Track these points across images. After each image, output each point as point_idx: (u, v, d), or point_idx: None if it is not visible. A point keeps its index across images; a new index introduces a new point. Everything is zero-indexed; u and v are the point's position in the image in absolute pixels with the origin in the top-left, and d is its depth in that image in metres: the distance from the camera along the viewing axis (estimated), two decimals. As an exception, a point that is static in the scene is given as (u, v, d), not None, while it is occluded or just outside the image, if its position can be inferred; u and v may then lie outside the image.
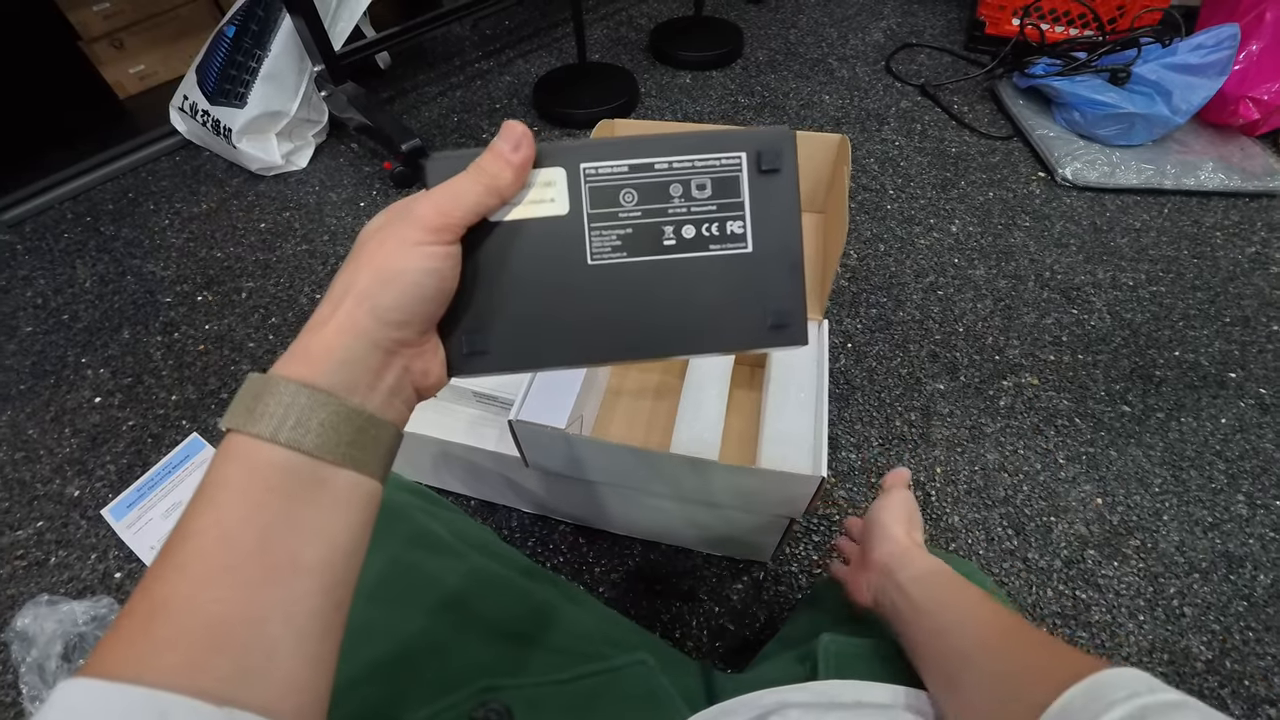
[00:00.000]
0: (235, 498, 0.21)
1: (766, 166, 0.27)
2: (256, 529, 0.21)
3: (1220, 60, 1.12)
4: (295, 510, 0.22)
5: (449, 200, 0.24)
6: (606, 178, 0.27)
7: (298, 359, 0.23)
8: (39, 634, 0.67)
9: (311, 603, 0.22)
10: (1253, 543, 0.76)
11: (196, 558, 0.20)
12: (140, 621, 0.20)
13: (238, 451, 0.22)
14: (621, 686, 0.42)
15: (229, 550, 0.21)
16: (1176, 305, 1.00)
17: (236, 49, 1.20)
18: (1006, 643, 0.32)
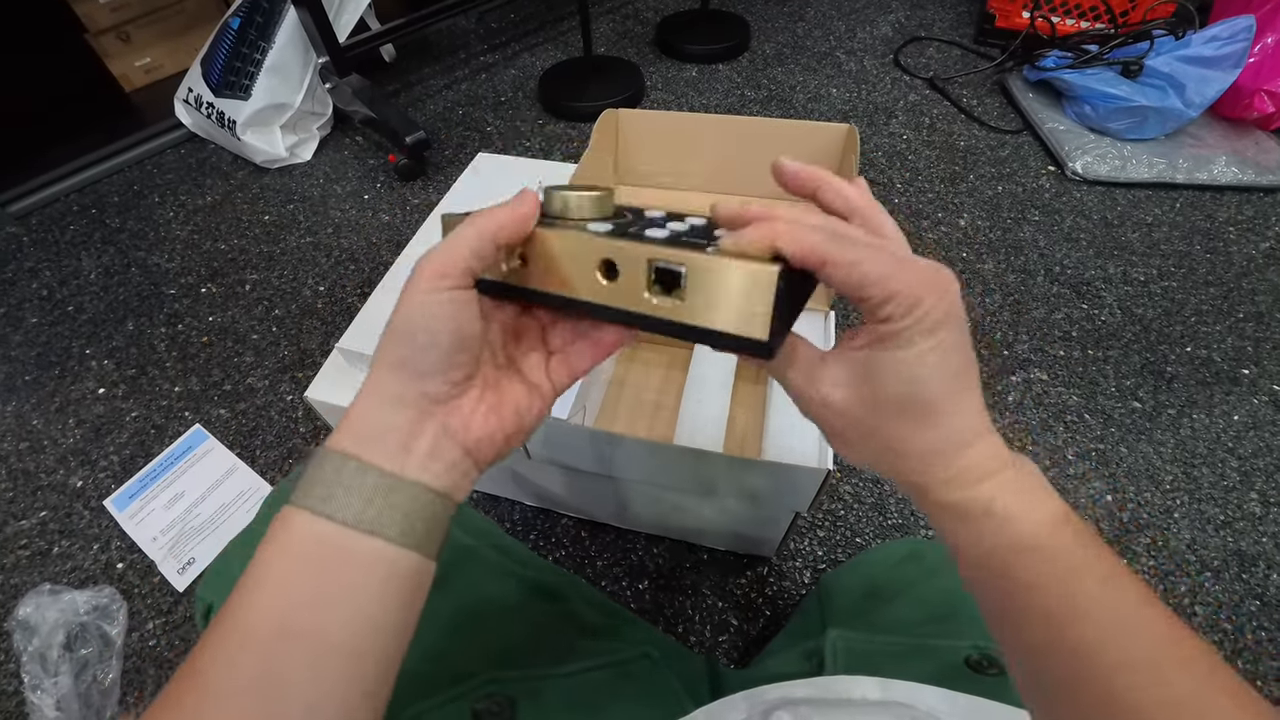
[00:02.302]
0: (279, 570, 0.22)
1: None
2: (297, 605, 0.21)
3: (1235, 53, 1.10)
4: (333, 585, 0.22)
5: (447, 245, 0.23)
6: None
7: (342, 431, 0.23)
8: (41, 623, 0.67)
9: (355, 685, 0.22)
10: (1266, 541, 0.75)
11: (241, 634, 0.21)
12: (191, 698, 0.21)
13: (285, 523, 0.22)
14: (625, 680, 0.41)
15: (274, 626, 0.21)
16: (1189, 301, 0.99)
17: (241, 41, 1.20)
18: (1187, 678, 0.20)
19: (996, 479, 0.22)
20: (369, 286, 1.04)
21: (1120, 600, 0.21)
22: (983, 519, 0.22)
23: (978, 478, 0.22)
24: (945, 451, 0.22)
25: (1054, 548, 0.21)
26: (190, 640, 0.70)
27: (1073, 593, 0.21)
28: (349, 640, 0.22)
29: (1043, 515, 0.22)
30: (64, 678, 0.65)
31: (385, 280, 0.67)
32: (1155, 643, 0.20)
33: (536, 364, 0.28)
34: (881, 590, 0.51)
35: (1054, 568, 0.21)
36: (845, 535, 0.77)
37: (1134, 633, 0.20)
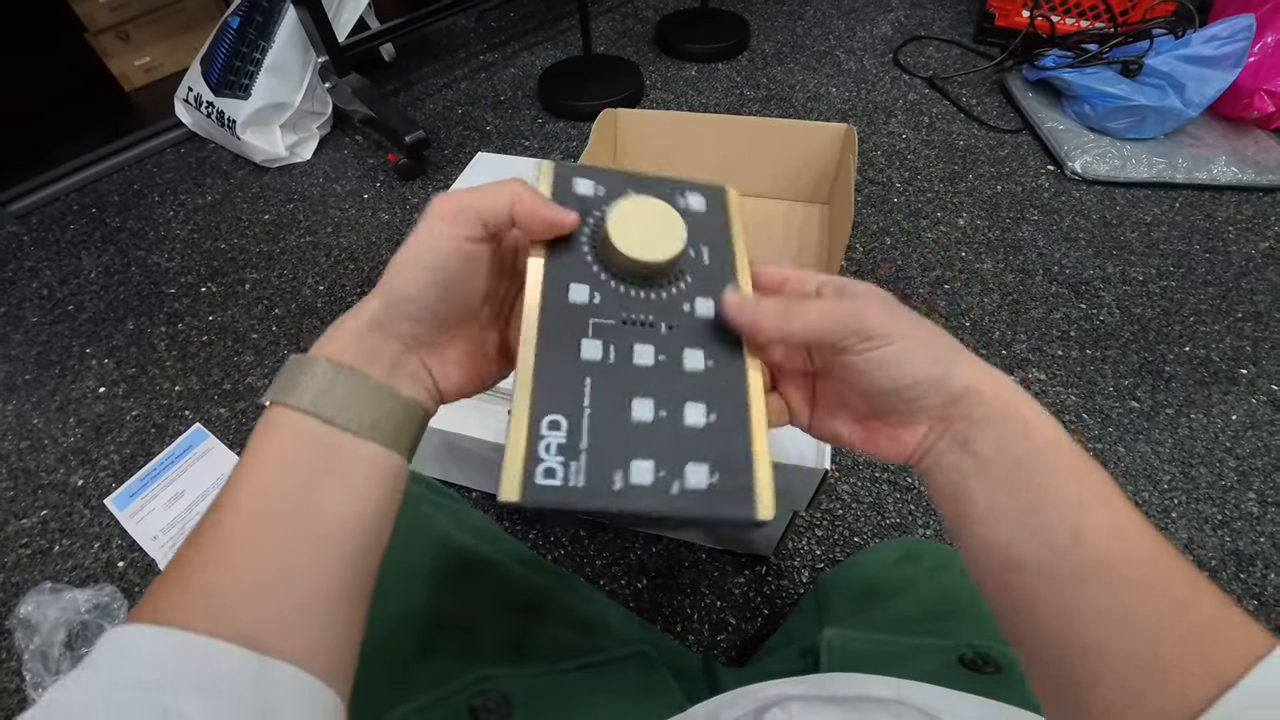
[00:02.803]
0: (270, 464, 0.23)
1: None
2: (288, 493, 0.23)
3: (1235, 52, 1.10)
4: (321, 477, 0.23)
5: (466, 192, 0.24)
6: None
7: (330, 339, 0.25)
8: (42, 621, 0.68)
9: (338, 566, 0.23)
10: (1263, 541, 0.75)
11: (234, 517, 0.22)
12: (186, 571, 0.21)
13: (275, 421, 0.23)
14: (622, 677, 0.41)
15: (263, 511, 0.22)
16: (1187, 300, 0.99)
17: (241, 40, 1.20)
18: (1191, 595, 0.21)
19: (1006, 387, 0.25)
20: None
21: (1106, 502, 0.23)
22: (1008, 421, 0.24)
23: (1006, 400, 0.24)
24: (943, 381, 0.25)
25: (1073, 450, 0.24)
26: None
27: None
28: (347, 535, 0.23)
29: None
30: (65, 676, 0.65)
31: (384, 280, 0.67)
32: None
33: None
34: (878, 589, 0.51)
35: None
36: (843, 534, 0.77)
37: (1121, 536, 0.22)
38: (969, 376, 0.25)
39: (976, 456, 0.24)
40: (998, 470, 0.24)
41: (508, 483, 0.22)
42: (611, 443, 0.23)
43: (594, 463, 0.22)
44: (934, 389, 0.25)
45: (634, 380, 0.25)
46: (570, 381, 0.24)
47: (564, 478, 0.22)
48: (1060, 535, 0.22)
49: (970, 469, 0.24)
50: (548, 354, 0.24)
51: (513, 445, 0.22)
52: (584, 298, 0.26)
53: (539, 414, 0.23)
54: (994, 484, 0.24)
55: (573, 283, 0.26)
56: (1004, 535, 0.23)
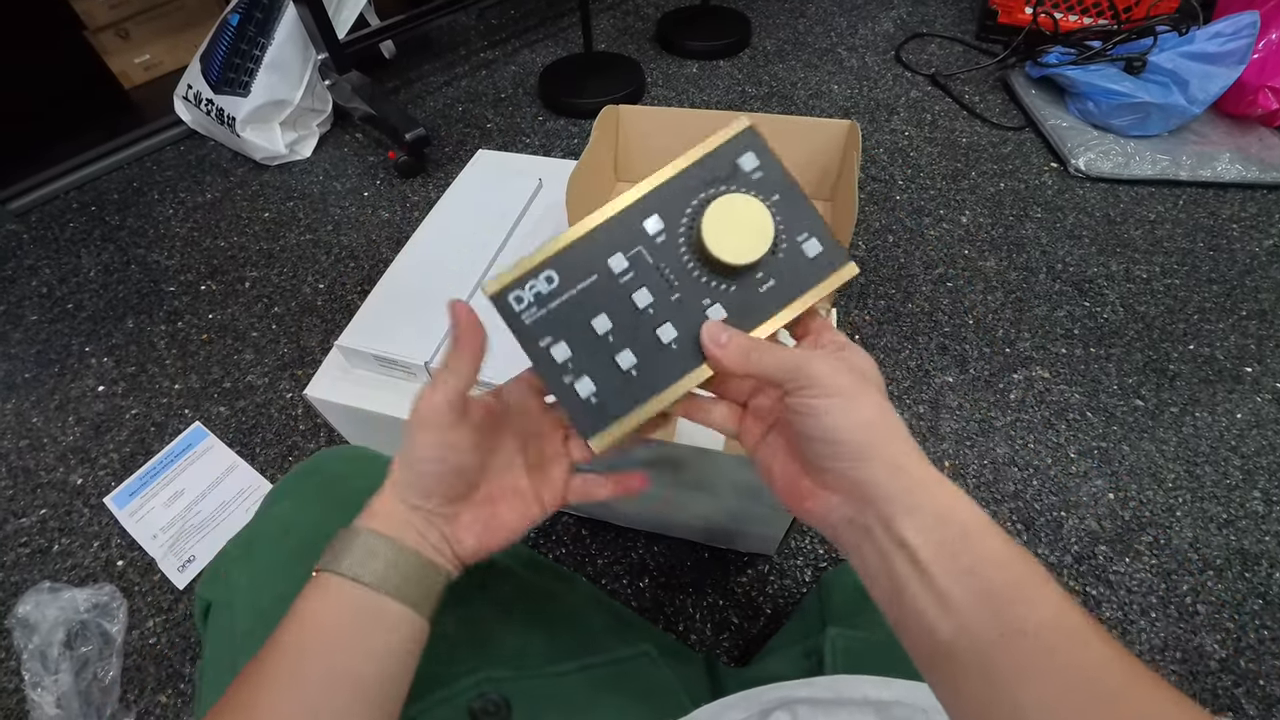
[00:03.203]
0: (311, 621, 0.27)
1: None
2: (326, 648, 0.26)
3: (1239, 49, 1.10)
4: (358, 636, 0.27)
5: (428, 394, 0.28)
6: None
7: (372, 515, 0.29)
8: (41, 621, 0.67)
9: (366, 713, 0.26)
10: (1269, 540, 0.75)
11: (280, 668, 0.26)
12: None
13: (322, 585, 0.28)
14: (624, 679, 0.41)
15: (307, 665, 0.26)
16: (1191, 298, 0.99)
17: (240, 38, 1.19)
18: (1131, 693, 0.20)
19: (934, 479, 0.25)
20: (369, 284, 1.04)
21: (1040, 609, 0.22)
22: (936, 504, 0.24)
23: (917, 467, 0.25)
24: (882, 470, 0.25)
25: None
26: (191, 638, 0.70)
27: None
28: (378, 687, 0.27)
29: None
30: (64, 675, 0.65)
31: (385, 278, 0.67)
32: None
33: (557, 478, 0.33)
34: (881, 589, 0.51)
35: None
36: (846, 533, 0.76)
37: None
38: (895, 459, 0.25)
39: (902, 543, 0.24)
40: (924, 557, 0.23)
41: (496, 282, 0.29)
42: (564, 321, 0.29)
43: (544, 321, 0.29)
44: (857, 458, 0.25)
45: (619, 305, 0.29)
46: (584, 266, 0.29)
47: (522, 311, 0.29)
48: (990, 628, 0.22)
49: (896, 554, 0.24)
50: (589, 241, 0.29)
51: (521, 266, 0.29)
52: (654, 228, 0.30)
53: (548, 265, 0.29)
54: (921, 571, 0.23)
55: (654, 215, 0.30)
56: (934, 622, 0.23)
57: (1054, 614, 0.22)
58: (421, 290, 0.65)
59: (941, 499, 0.24)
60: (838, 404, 0.25)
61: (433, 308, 0.65)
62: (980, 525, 0.24)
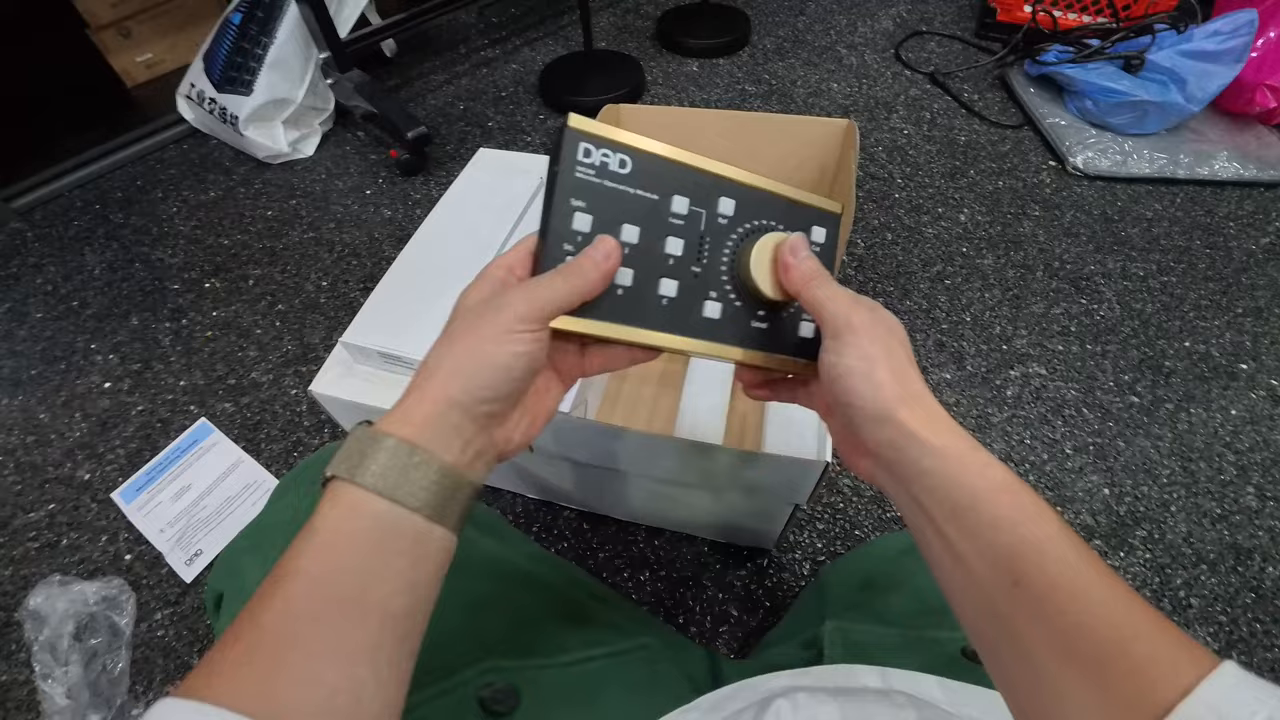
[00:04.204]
0: (339, 542, 0.24)
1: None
2: (355, 574, 0.23)
3: (1237, 47, 1.10)
4: (389, 560, 0.24)
5: (541, 295, 0.26)
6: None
7: (400, 419, 0.25)
8: (51, 613, 0.68)
9: (394, 649, 0.24)
10: (1262, 535, 0.76)
11: (301, 594, 0.23)
12: (244, 648, 0.22)
13: (343, 499, 0.24)
14: (626, 670, 0.42)
15: (330, 591, 0.23)
16: (1188, 296, 0.99)
17: (242, 36, 1.20)
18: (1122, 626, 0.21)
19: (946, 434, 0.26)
20: (371, 281, 1.05)
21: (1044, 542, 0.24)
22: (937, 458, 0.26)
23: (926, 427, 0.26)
24: (885, 421, 0.26)
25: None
26: (199, 630, 0.71)
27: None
28: (408, 620, 0.24)
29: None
30: (74, 667, 0.66)
31: (388, 275, 0.67)
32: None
33: (571, 358, 0.32)
34: (880, 582, 0.51)
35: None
36: (844, 528, 0.77)
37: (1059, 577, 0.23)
38: (910, 428, 0.26)
39: (918, 502, 0.26)
40: (938, 517, 0.25)
41: (582, 123, 0.28)
42: (604, 202, 0.28)
43: (590, 188, 0.28)
44: (875, 424, 0.27)
45: (652, 235, 0.30)
46: (656, 183, 0.30)
47: (580, 163, 0.28)
48: (996, 582, 0.24)
49: (917, 512, 0.26)
50: (676, 169, 0.30)
51: (613, 134, 0.28)
52: (724, 210, 0.31)
53: (633, 154, 0.29)
54: (936, 530, 0.26)
55: (734, 202, 0.31)
56: (950, 571, 0.25)
57: (1055, 570, 0.22)
58: (424, 287, 0.66)
59: (953, 465, 0.25)
60: (853, 369, 0.27)
61: (435, 304, 0.66)
62: (989, 489, 0.25)
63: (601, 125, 0.28)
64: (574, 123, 0.28)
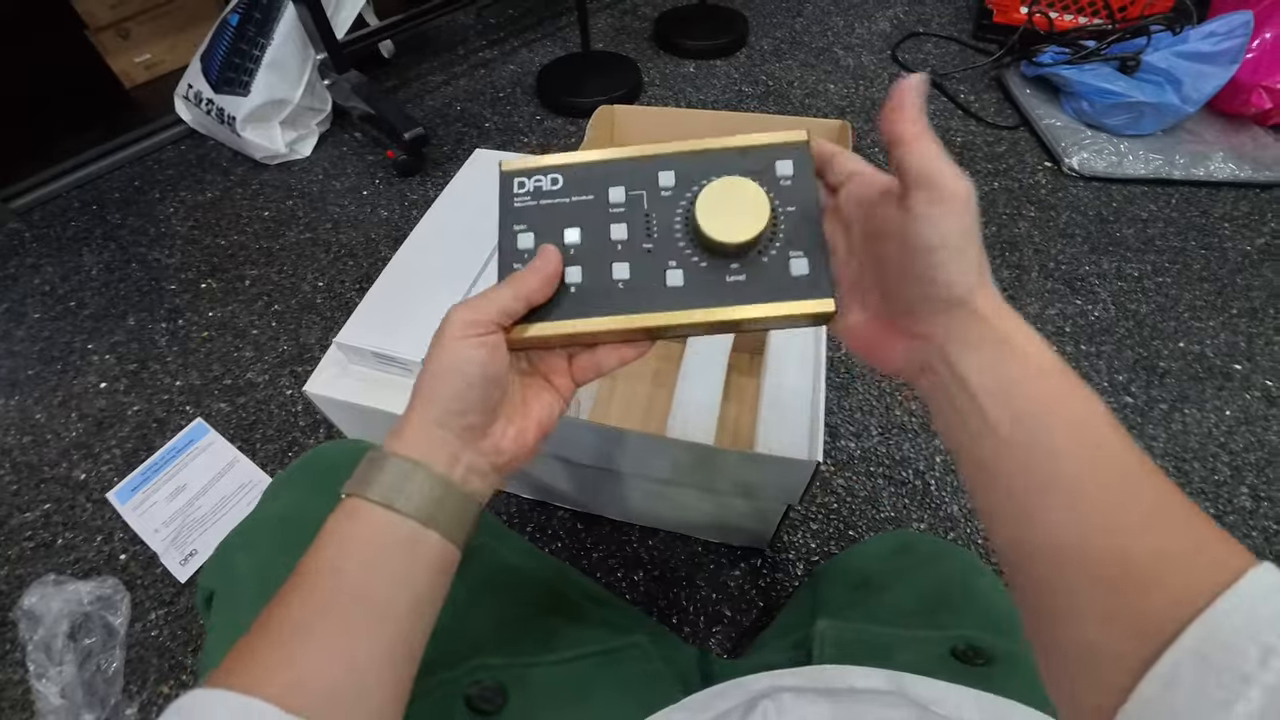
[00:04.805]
0: (349, 547, 0.26)
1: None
2: (364, 576, 0.26)
3: (1232, 48, 1.10)
4: (393, 564, 0.26)
5: (482, 303, 0.29)
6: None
7: (399, 440, 0.28)
8: (46, 613, 0.68)
9: (397, 647, 0.26)
10: (1256, 535, 0.76)
11: (314, 592, 0.25)
12: (261, 643, 0.24)
13: (352, 511, 0.27)
14: (617, 668, 0.42)
15: (341, 590, 0.25)
16: (1183, 296, 1.00)
17: (240, 37, 1.20)
18: (1151, 526, 0.21)
19: (1011, 320, 0.25)
20: (367, 282, 1.05)
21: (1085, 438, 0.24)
22: (1001, 346, 0.25)
23: (995, 314, 0.25)
24: (963, 303, 0.25)
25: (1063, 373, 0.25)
26: (193, 630, 0.71)
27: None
28: (410, 620, 0.27)
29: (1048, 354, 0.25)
30: (68, 667, 0.66)
31: (383, 276, 0.68)
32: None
33: (560, 366, 0.33)
34: (872, 581, 0.52)
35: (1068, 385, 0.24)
36: (837, 528, 0.78)
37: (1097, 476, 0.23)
38: (979, 294, 0.25)
39: (964, 381, 0.25)
40: (977, 389, 0.25)
41: (512, 164, 0.32)
42: (544, 218, 0.31)
43: (529, 211, 0.32)
44: (949, 307, 0.25)
45: (595, 228, 0.31)
46: (588, 185, 0.32)
47: (517, 194, 0.32)
48: (1028, 444, 0.24)
49: (957, 390, 0.25)
50: (604, 167, 0.32)
51: (539, 160, 0.32)
52: (665, 182, 0.31)
53: (559, 171, 0.32)
54: (976, 403, 0.25)
55: (672, 172, 0.31)
56: (981, 439, 0.25)
57: (1098, 440, 0.23)
58: (419, 288, 0.66)
59: (1009, 338, 0.25)
60: (945, 219, 0.24)
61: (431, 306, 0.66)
62: (1036, 366, 0.25)
63: (531, 158, 0.32)
64: (505, 167, 0.32)
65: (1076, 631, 0.21)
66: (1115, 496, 0.22)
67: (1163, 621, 0.19)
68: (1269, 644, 0.17)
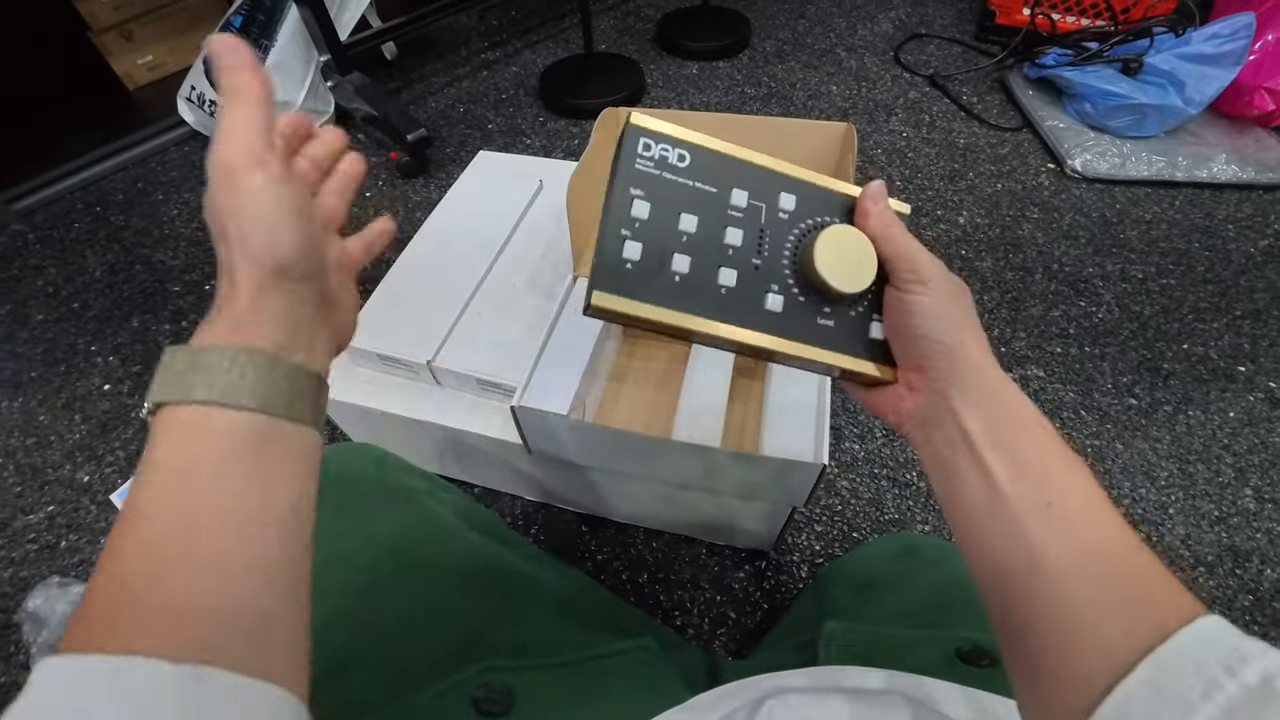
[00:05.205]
0: (195, 470, 0.21)
1: None
2: (219, 498, 0.21)
3: (1235, 50, 1.10)
4: (256, 469, 0.22)
5: (241, 131, 0.24)
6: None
7: (222, 327, 0.24)
8: (50, 615, 0.68)
9: (281, 554, 0.23)
10: (1260, 537, 0.76)
11: (162, 539, 0.20)
12: (109, 608, 0.19)
13: (183, 423, 0.22)
14: (623, 670, 0.42)
15: (195, 530, 0.21)
16: (1186, 298, 0.99)
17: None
18: (1109, 572, 0.23)
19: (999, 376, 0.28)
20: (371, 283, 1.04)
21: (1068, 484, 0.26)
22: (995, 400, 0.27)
23: (989, 367, 0.28)
24: (956, 354, 0.28)
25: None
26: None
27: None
28: (279, 522, 0.23)
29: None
30: None
31: (387, 278, 0.68)
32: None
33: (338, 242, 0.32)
34: (876, 583, 0.52)
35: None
36: (842, 530, 0.77)
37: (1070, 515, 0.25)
38: (977, 362, 0.28)
39: (967, 436, 0.27)
40: (979, 443, 0.27)
41: (643, 119, 0.29)
42: (664, 193, 0.29)
43: (651, 180, 0.29)
44: (946, 358, 0.28)
45: (711, 225, 0.30)
46: (715, 177, 0.31)
47: (642, 156, 0.29)
48: (1023, 499, 0.25)
49: (959, 442, 0.27)
50: (735, 165, 0.31)
51: (674, 129, 0.30)
52: (785, 205, 0.31)
53: (692, 149, 0.30)
54: (978, 455, 0.27)
55: (795, 197, 0.31)
56: (975, 491, 0.27)
57: (1087, 509, 0.25)
58: (423, 290, 0.66)
59: (1005, 397, 0.27)
60: (934, 304, 0.28)
61: (435, 308, 0.66)
62: (1031, 421, 0.27)
63: (663, 123, 0.29)
64: (635, 119, 0.29)
65: (1049, 652, 0.23)
66: (1109, 535, 0.24)
67: (1128, 653, 0.21)
68: (1213, 678, 0.19)
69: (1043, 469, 0.26)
